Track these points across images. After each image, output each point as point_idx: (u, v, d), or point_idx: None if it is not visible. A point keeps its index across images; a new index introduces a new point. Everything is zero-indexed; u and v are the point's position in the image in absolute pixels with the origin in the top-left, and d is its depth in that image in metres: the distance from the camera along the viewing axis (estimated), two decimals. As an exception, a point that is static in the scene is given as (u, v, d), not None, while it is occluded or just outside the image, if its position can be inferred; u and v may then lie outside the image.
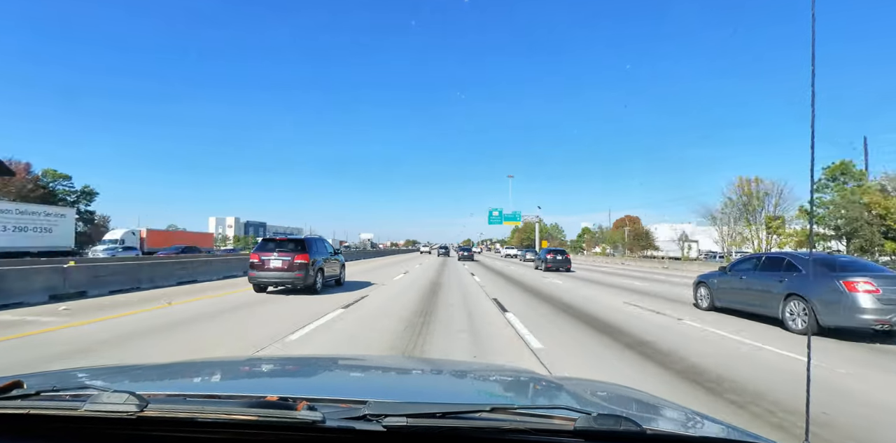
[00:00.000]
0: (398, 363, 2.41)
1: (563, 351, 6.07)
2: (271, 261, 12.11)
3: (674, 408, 1.40)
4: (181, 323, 7.57)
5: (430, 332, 7.09)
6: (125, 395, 0.90)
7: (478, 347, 6.20)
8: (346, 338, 6.69)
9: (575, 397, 1.45)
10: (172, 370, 1.77)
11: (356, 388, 1.59)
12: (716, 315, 9.43)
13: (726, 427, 1.17)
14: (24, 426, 0.95)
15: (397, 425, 0.87)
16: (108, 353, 5.46)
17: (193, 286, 13.86)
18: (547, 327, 7.77)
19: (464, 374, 1.94)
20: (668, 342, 6.64)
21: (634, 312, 9.84)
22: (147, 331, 6.88)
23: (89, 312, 8.50)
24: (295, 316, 8.41)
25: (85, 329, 6.92)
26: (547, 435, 0.91)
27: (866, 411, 4.00)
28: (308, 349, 5.97)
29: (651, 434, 0.92)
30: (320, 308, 9.47)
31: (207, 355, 5.26)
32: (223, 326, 7.41)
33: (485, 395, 1.62)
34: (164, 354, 5.43)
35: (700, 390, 4.43)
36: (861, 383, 4.83)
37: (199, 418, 0.89)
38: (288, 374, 1.83)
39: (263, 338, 6.40)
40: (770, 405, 4.03)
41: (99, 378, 1.44)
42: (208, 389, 1.44)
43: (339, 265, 14.72)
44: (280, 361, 2.16)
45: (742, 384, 4.63)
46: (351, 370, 1.94)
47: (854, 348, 6.51)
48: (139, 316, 8.19)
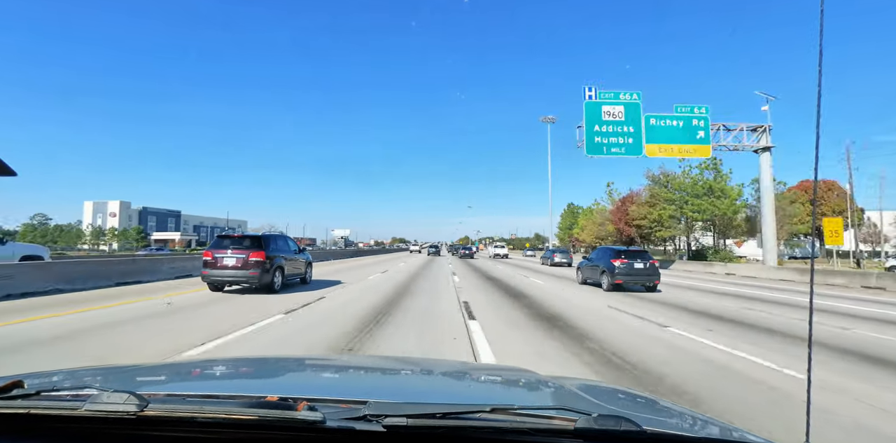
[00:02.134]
0: (398, 364, 2.42)
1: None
2: (225, 259, 11.19)
3: (674, 409, 1.42)
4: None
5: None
6: (125, 395, 0.90)
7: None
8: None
9: (575, 398, 1.43)
10: (173, 370, 1.81)
11: (356, 388, 1.60)
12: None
13: (726, 428, 1.23)
14: (24, 426, 0.96)
15: (397, 426, 0.88)
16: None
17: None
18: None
19: (464, 374, 1.93)
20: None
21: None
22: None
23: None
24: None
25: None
26: (547, 436, 0.92)
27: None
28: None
29: (651, 434, 0.93)
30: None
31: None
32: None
33: (485, 395, 1.60)
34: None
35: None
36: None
37: (199, 418, 0.88)
38: (288, 374, 1.81)
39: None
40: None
41: (99, 378, 1.41)
42: (208, 389, 1.42)
43: (305, 264, 13.77)
44: (280, 361, 2.18)
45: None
46: (351, 371, 1.94)
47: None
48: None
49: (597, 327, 7.65)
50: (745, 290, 15.73)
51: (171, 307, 8.89)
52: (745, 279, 21.69)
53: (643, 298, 12.35)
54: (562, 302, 11.15)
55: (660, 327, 7.79)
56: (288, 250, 12.72)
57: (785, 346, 6.48)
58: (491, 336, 6.68)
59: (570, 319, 8.41)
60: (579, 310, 9.81)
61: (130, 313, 8.09)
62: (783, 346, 6.47)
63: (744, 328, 7.87)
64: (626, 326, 7.89)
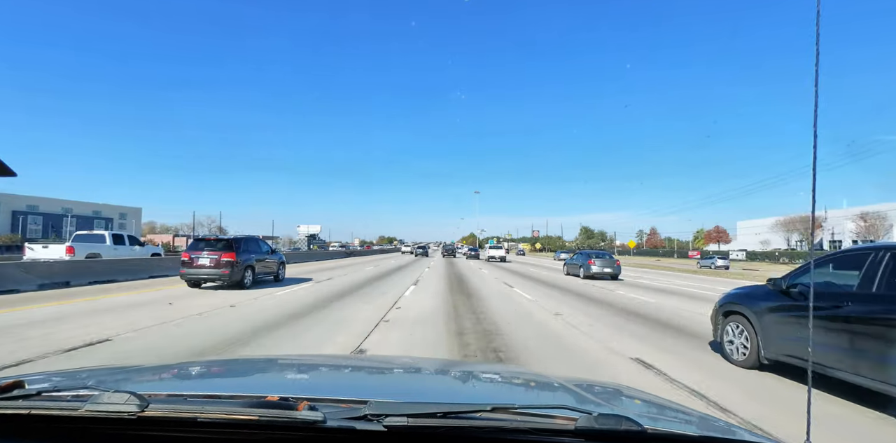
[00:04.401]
0: (399, 363, 2.45)
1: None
2: (199, 259, 12.77)
3: (675, 408, 1.40)
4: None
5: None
6: (126, 395, 0.91)
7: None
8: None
9: (576, 397, 1.45)
10: (173, 370, 1.78)
11: (357, 388, 1.59)
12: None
13: (728, 427, 1.18)
14: (25, 427, 0.96)
15: (398, 425, 0.88)
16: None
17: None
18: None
19: (464, 374, 1.95)
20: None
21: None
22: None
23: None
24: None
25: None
26: (548, 435, 0.91)
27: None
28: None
29: (652, 434, 0.93)
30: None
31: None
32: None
33: (485, 394, 1.63)
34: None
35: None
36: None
37: (199, 418, 0.90)
38: (288, 374, 1.83)
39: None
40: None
41: (100, 378, 1.44)
42: (209, 389, 1.44)
43: (277, 263, 15.38)
44: (280, 361, 2.21)
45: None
46: (351, 370, 1.94)
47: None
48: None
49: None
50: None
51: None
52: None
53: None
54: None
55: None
56: (259, 252, 14.34)
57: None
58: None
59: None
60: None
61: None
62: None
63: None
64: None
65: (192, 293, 11.88)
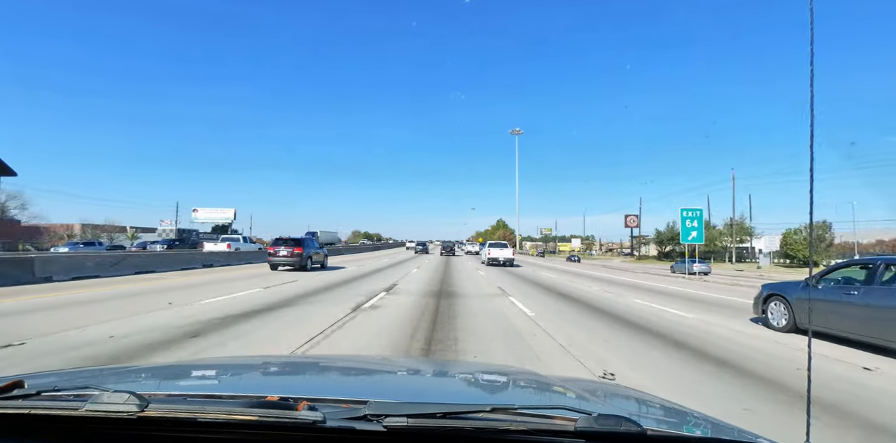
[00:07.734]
0: (399, 363, 2.44)
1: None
2: (280, 251, 20.55)
3: (675, 409, 1.43)
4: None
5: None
6: (126, 395, 0.92)
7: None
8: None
9: (576, 398, 1.47)
10: (173, 370, 1.83)
11: (357, 388, 1.64)
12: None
13: (728, 428, 1.20)
14: (25, 426, 0.97)
15: (398, 426, 0.90)
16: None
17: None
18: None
19: (464, 374, 2.00)
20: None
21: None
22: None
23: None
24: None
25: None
26: (548, 435, 0.92)
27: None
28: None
29: (652, 435, 0.94)
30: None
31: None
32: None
33: (485, 395, 1.66)
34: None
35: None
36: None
37: (199, 418, 0.91)
38: (288, 374, 1.87)
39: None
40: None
41: (100, 378, 1.47)
42: (209, 389, 1.48)
43: (324, 255, 23.21)
44: (280, 361, 2.19)
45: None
46: (351, 370, 1.99)
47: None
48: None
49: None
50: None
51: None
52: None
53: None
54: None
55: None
56: (314, 247, 22.24)
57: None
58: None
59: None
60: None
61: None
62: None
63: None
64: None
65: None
